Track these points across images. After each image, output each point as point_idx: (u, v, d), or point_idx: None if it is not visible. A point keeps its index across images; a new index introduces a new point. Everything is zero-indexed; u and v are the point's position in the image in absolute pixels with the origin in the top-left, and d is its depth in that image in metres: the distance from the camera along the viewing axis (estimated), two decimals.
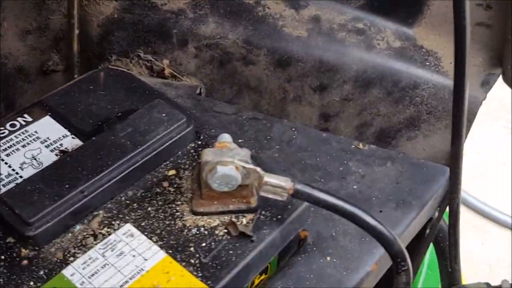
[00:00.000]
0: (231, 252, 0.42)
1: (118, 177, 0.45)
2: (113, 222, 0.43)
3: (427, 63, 0.64)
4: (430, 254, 0.80)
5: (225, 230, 0.43)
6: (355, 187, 0.57)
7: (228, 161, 0.41)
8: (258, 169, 0.41)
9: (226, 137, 0.44)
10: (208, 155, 0.41)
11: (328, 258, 0.49)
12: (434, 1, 0.62)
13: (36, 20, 0.70)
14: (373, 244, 0.50)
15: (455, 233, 0.57)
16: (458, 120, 0.48)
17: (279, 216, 0.44)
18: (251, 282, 0.46)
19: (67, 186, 0.42)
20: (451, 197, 0.55)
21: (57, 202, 0.41)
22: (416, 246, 0.64)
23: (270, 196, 0.42)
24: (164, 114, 0.49)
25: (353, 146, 0.61)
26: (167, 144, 0.48)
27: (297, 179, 0.42)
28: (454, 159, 0.52)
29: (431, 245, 0.69)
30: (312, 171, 0.59)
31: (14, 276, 0.39)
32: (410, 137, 0.65)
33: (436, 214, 0.62)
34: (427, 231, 0.63)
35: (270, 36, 0.66)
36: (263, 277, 0.47)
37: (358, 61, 0.65)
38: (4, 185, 0.46)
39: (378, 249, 0.50)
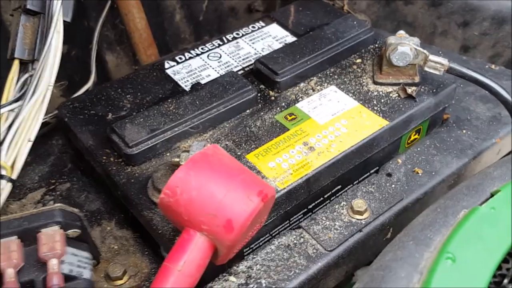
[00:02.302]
0: (400, 105, 0.63)
1: (326, 57, 0.69)
2: (323, 84, 0.67)
3: None
4: None
5: (396, 94, 0.65)
6: None
7: (405, 43, 0.62)
8: (425, 50, 0.62)
9: (402, 31, 0.65)
10: (391, 39, 0.63)
11: (464, 131, 0.69)
12: None
13: None
14: (499, 126, 0.69)
15: None
16: None
17: (434, 90, 0.65)
18: (407, 137, 0.67)
19: (298, 56, 0.67)
20: None
21: (299, 61, 0.66)
22: None
23: (431, 70, 0.63)
24: (355, 22, 0.72)
25: (486, 66, 0.79)
26: (357, 41, 0.71)
27: None
28: None
29: None
30: None
31: (267, 104, 0.65)
32: None
33: None
34: None
35: None
36: (416, 136, 0.68)
37: (496, 2, 0.82)
38: (251, 60, 0.72)
39: (502, 129, 0.69)
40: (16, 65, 0.61)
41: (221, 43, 0.75)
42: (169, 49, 1.06)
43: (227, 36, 0.76)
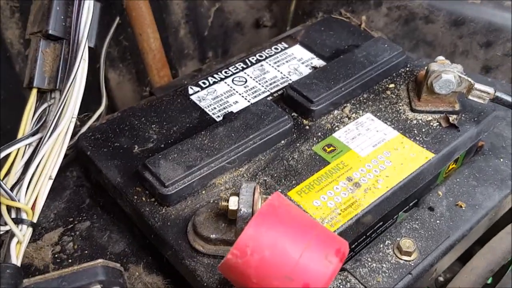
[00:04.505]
0: (444, 135, 0.61)
1: (359, 83, 0.65)
2: (358, 111, 0.64)
3: None
4: None
5: (437, 123, 0.62)
6: None
7: (450, 70, 0.60)
8: (469, 79, 0.60)
9: (442, 57, 0.63)
10: (434, 66, 0.61)
11: (501, 160, 0.67)
12: None
13: None
14: None
15: None
16: None
17: (476, 119, 0.63)
18: (446, 167, 0.64)
19: (332, 82, 0.64)
20: None
21: (334, 87, 0.62)
22: None
23: (475, 99, 0.60)
24: (386, 45, 0.69)
25: None
26: (389, 65, 0.68)
27: None
28: None
29: None
30: None
31: (302, 134, 0.61)
32: None
33: None
34: None
35: (450, 1, 0.84)
36: (453, 165, 0.66)
37: None
38: (278, 84, 0.68)
39: None
40: (34, 95, 0.56)
41: (244, 66, 0.71)
42: (173, 65, 1.02)
43: (250, 59, 0.72)
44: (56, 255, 0.56)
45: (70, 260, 0.56)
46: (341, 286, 0.53)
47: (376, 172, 0.56)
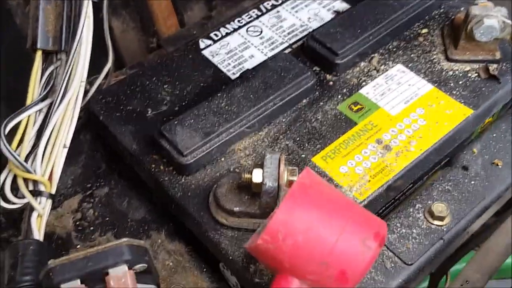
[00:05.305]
0: (483, 88, 0.56)
1: (389, 29, 0.59)
2: (387, 62, 0.59)
3: None
4: None
5: (476, 74, 0.57)
6: None
7: (493, 15, 0.53)
8: None
9: None
10: (476, 10, 0.54)
11: None
12: None
13: None
14: None
15: None
16: None
17: None
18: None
19: (359, 30, 0.58)
20: None
21: (362, 36, 0.57)
22: None
23: None
24: None
25: None
26: (422, 7, 0.61)
27: None
28: None
29: None
30: None
31: (326, 92, 0.57)
32: None
33: None
34: None
35: None
36: (489, 119, 0.61)
37: None
38: (297, 34, 0.62)
39: None
40: (39, 57, 0.52)
41: (259, 13, 0.65)
42: (178, 10, 0.94)
43: (265, 4, 0.66)
44: (78, 223, 0.55)
45: (91, 228, 0.54)
46: None
47: (409, 133, 0.52)
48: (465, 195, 0.54)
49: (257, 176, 0.43)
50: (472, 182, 0.55)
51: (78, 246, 0.53)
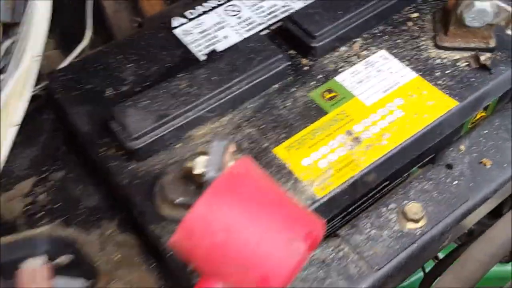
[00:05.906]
0: (472, 79, 0.50)
1: (375, 12, 0.54)
2: (370, 48, 0.54)
3: None
4: None
5: (466, 63, 0.52)
6: None
7: None
8: (510, 8, 0.48)
9: None
10: None
11: None
12: None
13: None
14: None
15: None
16: None
17: None
18: (474, 116, 0.54)
19: (340, 12, 0.53)
20: None
21: (343, 18, 0.52)
22: None
23: None
24: None
25: None
26: None
27: None
28: None
29: None
30: None
31: (299, 77, 0.52)
32: None
33: None
34: None
35: None
36: (483, 113, 0.56)
37: None
38: (278, 15, 0.58)
39: None
40: None
41: None
42: None
43: None
44: (27, 207, 0.52)
45: (42, 213, 0.51)
46: (332, 255, 0.46)
47: (383, 125, 0.47)
48: (446, 196, 0.49)
49: (198, 165, 0.39)
50: (455, 182, 0.50)
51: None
